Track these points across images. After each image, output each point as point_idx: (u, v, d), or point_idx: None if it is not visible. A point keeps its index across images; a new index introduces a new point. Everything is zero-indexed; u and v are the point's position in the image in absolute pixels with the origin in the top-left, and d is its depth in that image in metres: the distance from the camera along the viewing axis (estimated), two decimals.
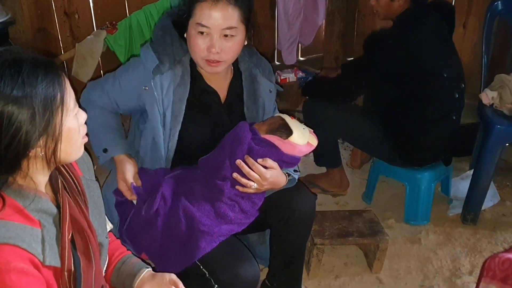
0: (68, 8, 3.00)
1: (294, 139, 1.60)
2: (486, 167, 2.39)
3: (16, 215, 0.96)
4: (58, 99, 0.97)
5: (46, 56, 1.01)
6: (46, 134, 0.96)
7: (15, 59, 0.94)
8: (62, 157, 1.02)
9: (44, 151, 0.98)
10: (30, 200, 0.99)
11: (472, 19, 3.29)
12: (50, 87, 0.95)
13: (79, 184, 1.16)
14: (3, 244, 0.91)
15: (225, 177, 1.57)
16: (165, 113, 1.62)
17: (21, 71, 0.92)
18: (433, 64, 2.26)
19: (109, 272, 1.32)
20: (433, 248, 2.37)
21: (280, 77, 3.55)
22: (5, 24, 2.42)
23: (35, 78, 0.94)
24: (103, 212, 1.27)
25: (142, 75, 1.62)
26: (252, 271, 1.52)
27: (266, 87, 1.79)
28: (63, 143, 1.00)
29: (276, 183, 1.62)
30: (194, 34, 1.57)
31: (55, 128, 0.97)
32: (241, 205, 1.59)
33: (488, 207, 2.61)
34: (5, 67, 0.92)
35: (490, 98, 2.39)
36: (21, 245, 0.93)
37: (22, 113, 0.92)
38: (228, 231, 1.56)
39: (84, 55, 2.83)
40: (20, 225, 0.95)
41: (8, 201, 0.96)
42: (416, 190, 2.48)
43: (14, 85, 0.91)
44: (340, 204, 2.69)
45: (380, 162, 2.59)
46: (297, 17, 3.42)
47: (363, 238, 2.15)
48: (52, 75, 0.97)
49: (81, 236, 1.09)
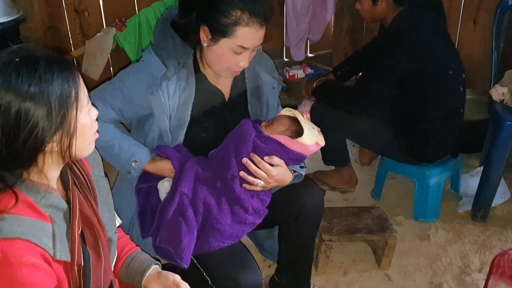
0: (78, 6, 3.02)
1: (304, 140, 1.60)
2: (496, 164, 2.38)
3: (28, 210, 0.98)
4: (73, 96, 0.98)
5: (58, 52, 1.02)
6: (61, 129, 0.98)
7: (31, 56, 0.96)
8: (76, 153, 1.04)
9: (59, 147, 0.99)
10: (41, 195, 1.01)
11: (482, 14, 3.27)
12: (65, 84, 0.97)
13: (88, 180, 1.18)
14: (15, 239, 0.93)
15: (233, 176, 1.58)
16: (171, 116, 1.61)
17: (37, 68, 0.94)
18: (439, 62, 2.24)
19: (118, 268, 1.34)
20: (442, 245, 2.36)
21: (289, 73, 3.55)
22: (16, 21, 2.44)
23: (51, 75, 0.95)
24: (112, 208, 1.29)
25: (146, 81, 1.59)
26: (253, 279, 1.52)
27: (269, 83, 1.79)
28: (77, 139, 1.02)
29: (282, 180, 1.63)
30: (229, 52, 1.55)
31: (70, 124, 0.99)
32: (252, 204, 1.59)
33: (498, 204, 2.59)
34: (21, 64, 0.93)
35: (500, 94, 2.37)
36: (33, 240, 0.95)
37: (38, 109, 0.93)
38: (239, 231, 1.57)
39: (93, 52, 2.85)
40: (31, 220, 0.97)
41: (20, 197, 0.97)
42: (425, 187, 2.47)
43: (31, 81, 0.93)
44: (348, 201, 2.69)
45: (388, 159, 2.59)
46: (306, 13, 3.41)
47: (371, 234, 2.15)
48: (67, 72, 0.98)
49: (90, 231, 1.10)
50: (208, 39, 1.55)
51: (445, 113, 2.30)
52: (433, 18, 2.26)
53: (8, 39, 2.38)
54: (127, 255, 1.36)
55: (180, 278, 1.26)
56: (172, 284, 1.25)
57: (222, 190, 1.58)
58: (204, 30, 1.54)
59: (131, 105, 1.63)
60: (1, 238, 0.92)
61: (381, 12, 2.30)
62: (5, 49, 0.97)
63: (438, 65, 2.24)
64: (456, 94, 2.34)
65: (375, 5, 2.29)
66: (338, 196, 2.71)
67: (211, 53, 1.58)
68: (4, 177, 0.96)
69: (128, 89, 1.61)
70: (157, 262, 1.35)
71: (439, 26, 2.29)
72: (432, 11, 2.28)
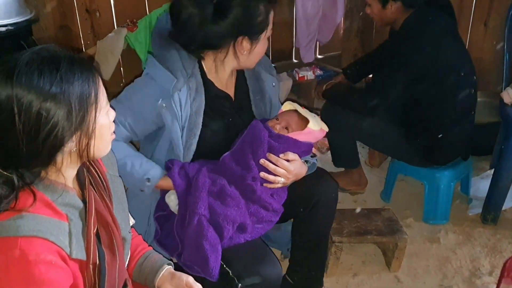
0: (89, 6, 3.04)
1: (312, 126, 1.68)
2: (506, 167, 2.37)
3: (45, 209, 0.98)
4: (93, 97, 0.99)
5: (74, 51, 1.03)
6: (80, 130, 0.99)
7: (53, 56, 0.96)
8: (94, 153, 1.05)
9: (78, 147, 1.00)
10: (58, 194, 1.02)
11: (493, 16, 3.25)
12: (86, 85, 0.98)
13: (104, 180, 1.19)
14: (33, 237, 0.94)
15: (254, 177, 1.61)
16: (184, 127, 1.61)
17: (59, 68, 0.94)
18: (451, 63, 2.24)
19: (131, 268, 1.34)
20: (452, 247, 2.35)
21: (298, 75, 3.55)
22: (29, 21, 2.45)
23: (72, 75, 0.96)
24: (126, 208, 1.29)
25: (155, 95, 1.57)
26: (274, 272, 1.53)
27: (269, 82, 1.83)
28: (95, 139, 1.02)
29: (300, 173, 1.69)
30: (265, 41, 1.64)
31: (89, 125, 1.00)
32: (272, 203, 1.62)
33: (508, 207, 2.58)
34: (44, 64, 0.94)
35: (511, 97, 2.36)
36: (50, 238, 0.96)
37: (59, 109, 0.94)
38: (259, 229, 1.61)
39: (105, 53, 2.86)
40: (48, 219, 0.98)
41: (38, 195, 0.98)
42: (435, 189, 2.46)
43: (53, 81, 0.93)
44: (358, 202, 2.68)
45: (398, 161, 2.58)
46: (316, 15, 3.41)
47: (381, 236, 2.15)
48: (87, 73, 0.99)
49: (105, 230, 1.11)
50: (249, 46, 1.60)
51: (456, 115, 2.30)
52: (443, 19, 2.25)
53: (21, 38, 2.39)
54: (140, 255, 1.37)
55: (194, 280, 1.27)
56: (185, 286, 1.26)
57: (239, 194, 1.59)
58: (243, 40, 1.59)
59: (143, 122, 1.62)
60: (19, 236, 0.93)
61: (391, 15, 2.30)
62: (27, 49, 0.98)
63: (449, 66, 2.23)
64: (467, 96, 2.32)
65: (384, 8, 2.29)
66: (348, 197, 2.71)
67: (254, 55, 1.64)
68: (23, 175, 0.97)
69: (138, 107, 1.60)
70: (170, 262, 1.36)
71: (449, 27, 2.28)
72: (442, 12, 2.27)
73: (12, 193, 0.95)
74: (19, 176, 0.97)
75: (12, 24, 2.29)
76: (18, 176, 0.97)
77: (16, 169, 0.97)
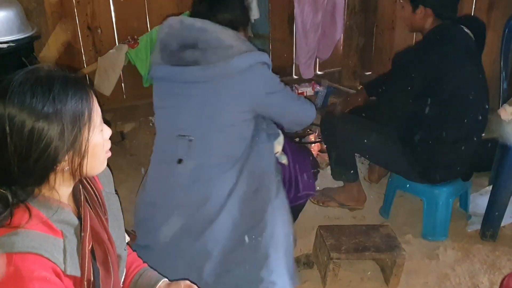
0: (91, 23, 3.09)
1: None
2: (505, 183, 2.37)
3: (40, 225, 0.99)
4: (86, 116, 1.00)
5: (71, 70, 1.05)
6: (73, 149, 0.99)
7: (46, 76, 0.97)
8: (86, 171, 1.05)
9: (70, 166, 1.01)
10: (54, 211, 1.02)
11: (491, 34, 3.26)
12: (79, 104, 0.98)
13: (100, 197, 1.19)
14: (27, 253, 0.94)
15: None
16: None
17: (52, 88, 0.96)
18: (460, 84, 2.23)
19: (126, 285, 1.34)
20: (451, 264, 2.34)
21: (298, 90, 3.58)
22: (31, 38, 2.49)
23: (66, 96, 0.97)
24: (122, 225, 1.30)
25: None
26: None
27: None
28: (88, 158, 1.03)
29: None
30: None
31: (82, 144, 1.01)
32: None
33: (507, 223, 2.57)
34: (37, 84, 0.95)
35: (509, 114, 2.36)
36: (44, 254, 0.96)
37: (51, 129, 0.95)
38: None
39: (106, 69, 2.90)
40: (43, 235, 0.98)
41: (33, 212, 0.99)
42: (434, 206, 2.46)
43: (46, 102, 0.94)
44: (357, 219, 2.68)
45: (397, 177, 2.58)
46: (315, 31, 3.46)
47: (380, 253, 2.14)
48: (81, 93, 1.00)
49: (100, 248, 1.12)
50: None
51: (456, 138, 2.29)
52: (466, 40, 2.26)
53: (22, 55, 2.42)
54: (135, 272, 1.37)
55: (190, 283, 1.27)
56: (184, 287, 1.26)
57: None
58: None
59: None
60: (14, 252, 0.93)
61: (420, 21, 2.31)
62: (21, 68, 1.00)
63: (458, 85, 2.23)
64: (472, 121, 2.31)
65: (414, 13, 2.31)
66: (347, 213, 2.71)
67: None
68: (16, 192, 0.98)
69: None
70: (165, 278, 1.36)
71: (470, 49, 2.27)
72: (469, 32, 2.27)
73: (6, 210, 0.96)
74: (13, 193, 0.97)
75: (13, 41, 2.32)
76: (12, 194, 0.97)
77: (10, 186, 0.97)
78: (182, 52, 1.78)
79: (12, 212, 0.97)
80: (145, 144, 3.29)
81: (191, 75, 1.77)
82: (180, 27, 1.81)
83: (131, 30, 3.12)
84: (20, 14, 2.42)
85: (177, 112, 1.84)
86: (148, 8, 3.24)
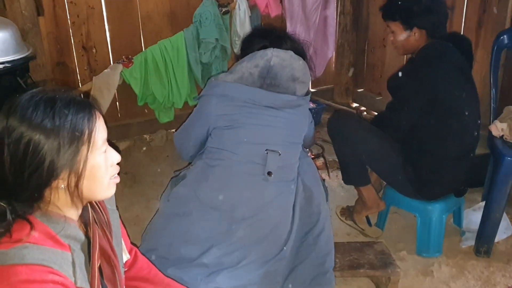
0: (86, 43, 3.11)
1: None
2: (497, 199, 2.38)
3: (48, 240, 0.99)
4: (86, 135, 1.00)
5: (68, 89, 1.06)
6: (69, 167, 1.00)
7: (52, 95, 1.00)
8: (86, 193, 1.05)
9: (66, 184, 1.01)
10: (61, 226, 1.02)
11: (480, 51, 3.34)
12: (80, 123, 0.99)
13: (106, 215, 1.20)
14: (37, 264, 0.94)
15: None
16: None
17: (54, 106, 0.98)
18: (456, 102, 2.26)
19: None
20: (446, 280, 2.34)
21: None
22: (26, 59, 2.49)
23: (66, 113, 0.98)
24: (121, 242, 1.30)
25: None
26: None
27: None
28: (86, 179, 1.03)
29: None
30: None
31: (79, 163, 1.01)
32: None
33: (501, 239, 2.58)
34: (41, 101, 0.98)
35: (499, 130, 2.40)
36: (54, 267, 0.96)
37: (48, 143, 0.96)
38: None
39: (100, 88, 2.91)
40: (51, 249, 0.99)
41: (40, 227, 0.99)
42: (428, 222, 2.47)
43: (45, 117, 0.96)
44: (351, 235, 2.69)
45: (391, 193, 2.60)
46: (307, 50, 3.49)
47: (374, 270, 2.14)
48: (84, 112, 1.01)
49: (108, 265, 1.13)
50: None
51: (453, 154, 2.31)
52: (458, 57, 2.29)
53: (17, 75, 2.43)
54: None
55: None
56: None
57: None
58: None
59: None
60: (24, 264, 0.93)
61: (415, 43, 2.34)
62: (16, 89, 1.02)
63: (453, 100, 2.25)
64: (469, 138, 2.34)
65: (408, 36, 2.34)
66: (342, 230, 2.71)
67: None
68: (14, 206, 0.98)
69: None
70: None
71: (463, 66, 2.32)
72: (460, 50, 2.31)
73: (5, 222, 0.96)
74: (12, 207, 0.98)
75: (9, 61, 2.33)
76: (12, 208, 0.97)
77: (8, 200, 0.98)
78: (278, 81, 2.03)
79: (10, 225, 0.96)
80: (139, 162, 3.30)
81: (282, 101, 2.03)
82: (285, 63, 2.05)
83: (126, 50, 3.14)
84: (16, 34, 2.43)
85: (269, 130, 2.05)
86: (143, 28, 3.28)
